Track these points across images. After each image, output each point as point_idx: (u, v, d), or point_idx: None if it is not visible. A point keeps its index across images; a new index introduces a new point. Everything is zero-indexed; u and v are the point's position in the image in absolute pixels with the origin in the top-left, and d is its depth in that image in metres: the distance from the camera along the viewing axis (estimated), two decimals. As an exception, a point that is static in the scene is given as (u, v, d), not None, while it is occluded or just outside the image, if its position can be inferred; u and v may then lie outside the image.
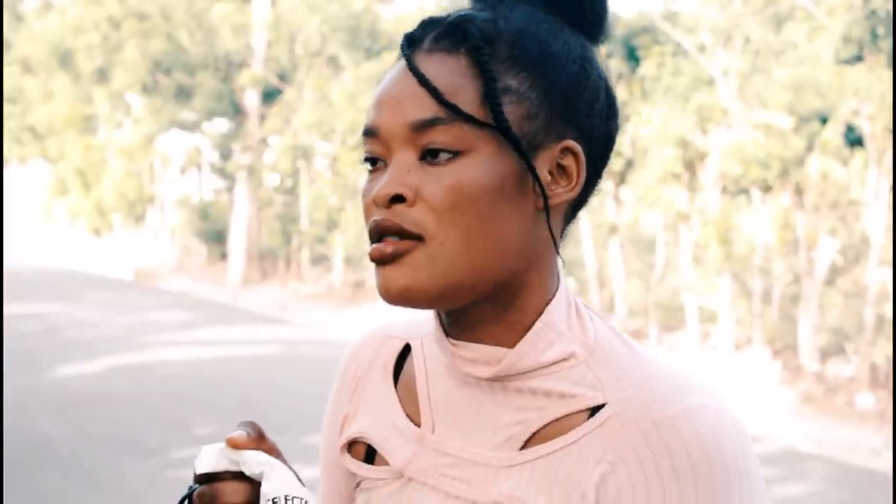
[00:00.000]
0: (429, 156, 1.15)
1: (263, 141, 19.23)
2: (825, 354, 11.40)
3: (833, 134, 11.30)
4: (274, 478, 1.16)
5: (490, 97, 1.14)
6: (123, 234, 23.41)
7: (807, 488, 8.05)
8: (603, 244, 13.75)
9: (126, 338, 13.07)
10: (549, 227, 1.17)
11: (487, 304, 1.17)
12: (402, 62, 1.18)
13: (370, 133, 1.18)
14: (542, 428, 1.16)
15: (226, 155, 20.16)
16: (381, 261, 1.15)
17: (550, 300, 1.19)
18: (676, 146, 12.11)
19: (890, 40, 10.93)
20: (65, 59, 22.23)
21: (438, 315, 1.21)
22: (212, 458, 1.18)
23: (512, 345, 1.17)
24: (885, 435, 9.23)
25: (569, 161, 1.18)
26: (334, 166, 17.25)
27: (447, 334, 1.20)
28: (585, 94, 1.19)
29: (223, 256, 20.19)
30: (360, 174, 15.10)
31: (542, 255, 1.19)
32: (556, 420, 1.16)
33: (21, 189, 28.80)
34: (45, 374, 10.63)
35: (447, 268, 1.14)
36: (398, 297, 1.15)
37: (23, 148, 25.46)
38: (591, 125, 1.19)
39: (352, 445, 1.29)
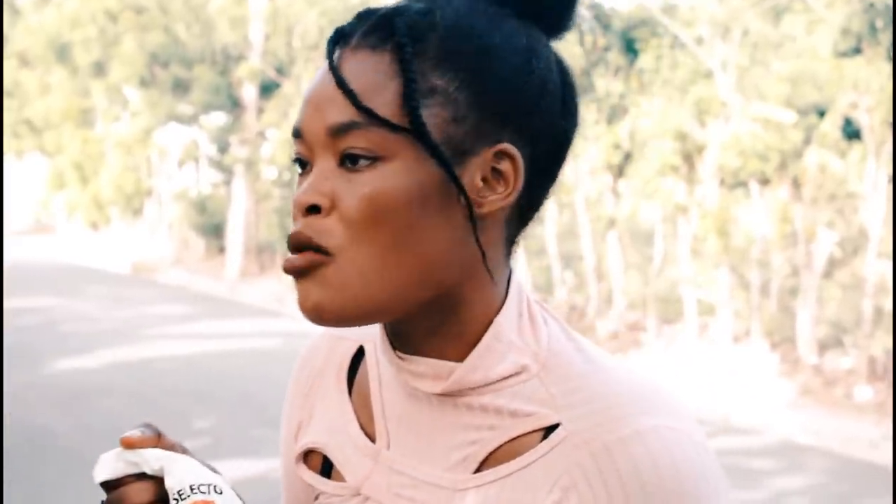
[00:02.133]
0: (348, 161, 1.07)
1: (261, 134, 19.22)
2: (823, 347, 11.41)
3: (831, 127, 11.30)
4: (175, 470, 1.10)
5: (408, 99, 1.06)
6: (121, 228, 23.40)
7: (805, 480, 8.06)
8: (601, 237, 13.75)
9: (124, 331, 13.07)
10: (477, 238, 1.08)
11: (423, 318, 1.10)
12: (326, 61, 1.11)
13: (297, 134, 1.11)
14: (497, 448, 1.09)
15: (223, 148, 20.14)
16: (294, 272, 1.08)
17: (499, 308, 1.11)
18: (674, 139, 12.11)
19: (888, 33, 10.92)
20: (62, 53, 22.20)
21: (384, 325, 1.14)
22: (110, 464, 1.12)
23: (459, 357, 1.10)
24: (883, 427, 9.24)
25: (505, 165, 1.08)
26: (332, 159, 17.23)
27: (393, 346, 1.14)
28: (528, 90, 1.09)
29: (221, 250, 20.18)
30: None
31: (477, 267, 1.09)
32: (511, 441, 1.09)
33: (19, 182, 28.77)
34: (43, 367, 10.63)
35: (358, 287, 1.06)
36: (311, 313, 1.08)
37: (20, 141, 25.44)
38: (535, 123, 1.10)
39: (309, 455, 1.23)
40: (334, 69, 1.08)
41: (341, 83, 1.07)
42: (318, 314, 1.07)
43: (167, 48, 19.64)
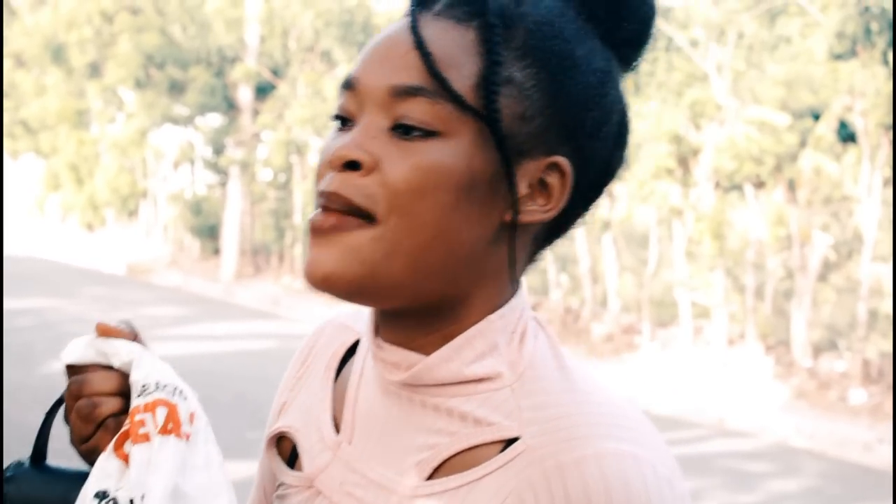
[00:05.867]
0: (400, 129, 1.01)
1: (257, 136, 19.22)
2: (818, 350, 11.42)
3: (826, 130, 11.31)
4: (144, 364, 1.07)
5: (488, 81, 1.00)
6: (116, 229, 23.38)
7: (799, 483, 8.07)
8: (596, 240, 13.76)
9: (119, 333, 13.05)
10: (511, 246, 1.04)
11: (423, 312, 1.05)
12: (406, 18, 1.04)
13: (349, 85, 1.04)
14: (452, 456, 1.04)
15: (219, 150, 20.13)
16: (324, 231, 1.01)
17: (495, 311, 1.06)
18: (670, 142, 12.12)
19: (883, 36, 10.94)
20: (57, 54, 22.19)
21: (377, 310, 1.09)
22: (79, 349, 1.10)
23: None
24: (877, 430, 9.25)
25: (554, 179, 1.04)
26: (328, 161, 17.22)
27: (376, 333, 1.09)
28: (596, 112, 1.05)
29: (216, 251, 20.17)
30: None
31: (496, 273, 1.05)
32: (468, 449, 1.03)
33: (14, 183, 28.75)
34: (39, 368, 10.62)
35: (382, 261, 1.00)
36: (321, 280, 1.01)
37: (15, 142, 25.41)
38: (592, 148, 1.05)
39: (282, 440, 1.19)
40: (415, 28, 1.02)
41: (420, 44, 1.01)
42: (323, 277, 1.01)
43: (163, 50, 19.63)
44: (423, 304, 1.04)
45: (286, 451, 1.18)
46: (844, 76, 10.94)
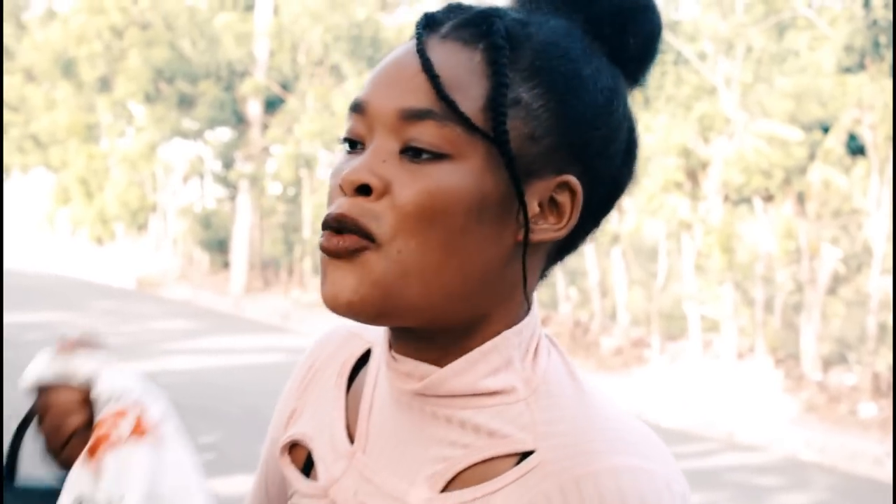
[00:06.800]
0: (410, 152, 1.01)
1: (266, 150, 19.25)
2: (827, 363, 11.40)
3: (835, 143, 11.30)
4: (105, 376, 1.08)
5: (495, 103, 1.01)
6: (126, 243, 23.42)
7: (809, 497, 8.05)
8: (605, 253, 13.76)
9: (129, 346, 13.07)
10: (524, 263, 1.04)
11: (443, 335, 1.05)
12: (413, 41, 1.05)
13: (357, 108, 1.04)
14: (466, 469, 1.04)
15: (228, 164, 20.17)
16: (334, 254, 1.02)
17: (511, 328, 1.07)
18: (678, 155, 12.12)
19: (891, 50, 10.94)
20: (67, 68, 22.25)
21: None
22: (41, 368, 1.10)
23: None
24: (887, 444, 9.23)
25: (564, 198, 1.05)
26: (337, 175, 17.24)
27: (391, 346, 1.09)
28: (604, 130, 1.06)
29: (225, 265, 20.19)
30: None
31: (512, 291, 1.06)
32: (482, 462, 1.04)
33: (24, 198, 28.82)
34: (47, 382, 10.62)
35: (397, 283, 1.00)
36: (337, 301, 1.02)
37: (25, 156, 25.49)
38: (601, 166, 1.06)
39: (294, 448, 1.19)
40: (422, 51, 1.02)
41: (428, 67, 1.01)
42: (347, 303, 1.01)
43: (172, 64, 19.68)
44: (443, 327, 1.04)
45: (299, 458, 1.18)
46: (853, 89, 10.94)
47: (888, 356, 10.62)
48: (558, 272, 12.89)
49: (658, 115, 12.59)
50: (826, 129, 11.60)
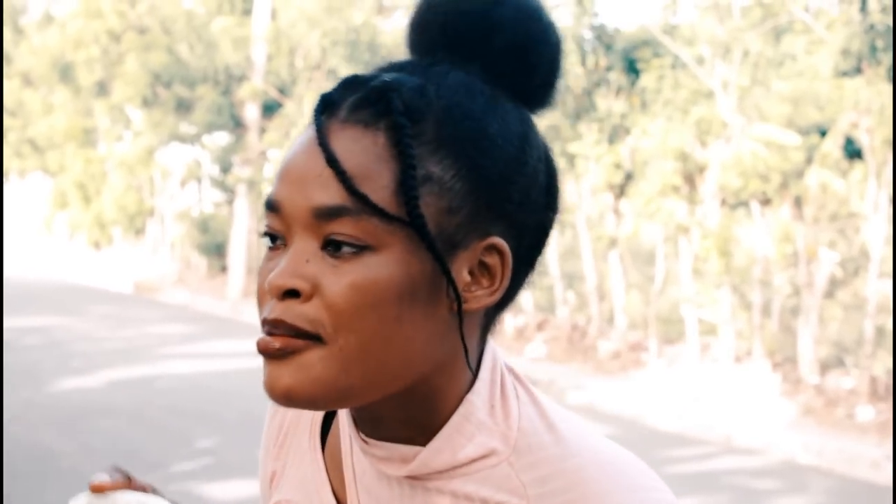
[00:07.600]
0: (331, 247, 0.99)
1: (263, 154, 19.26)
2: (825, 367, 11.41)
3: (832, 146, 11.31)
4: None
5: (406, 187, 0.98)
6: (123, 247, 23.42)
7: (806, 501, 8.06)
8: (603, 257, 13.76)
9: (127, 351, 13.07)
10: (462, 333, 1.02)
11: (394, 406, 1.05)
12: (313, 130, 1.02)
13: (271, 207, 1.02)
14: None
15: (226, 168, 20.17)
16: (269, 356, 1.00)
17: (469, 388, 1.06)
18: (676, 159, 12.13)
19: (888, 53, 10.95)
20: (65, 73, 22.26)
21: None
22: None
23: (426, 442, 1.05)
24: (885, 448, 9.23)
25: (493, 259, 1.03)
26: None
27: (358, 428, 1.09)
28: (521, 181, 1.03)
29: (223, 269, 20.19)
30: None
31: (455, 358, 1.05)
32: None
33: (21, 202, 28.81)
34: (46, 387, 10.63)
35: (337, 375, 0.99)
36: (282, 397, 1.00)
37: (23, 161, 25.49)
38: (525, 216, 1.04)
39: None
40: (324, 146, 1.00)
41: (333, 163, 0.99)
42: (289, 398, 1.00)
43: (170, 68, 19.69)
44: (391, 400, 1.04)
45: None
46: (850, 93, 10.95)
47: (886, 360, 10.63)
48: (556, 276, 12.85)
49: (655, 119, 12.60)
50: (823, 133, 11.61)
